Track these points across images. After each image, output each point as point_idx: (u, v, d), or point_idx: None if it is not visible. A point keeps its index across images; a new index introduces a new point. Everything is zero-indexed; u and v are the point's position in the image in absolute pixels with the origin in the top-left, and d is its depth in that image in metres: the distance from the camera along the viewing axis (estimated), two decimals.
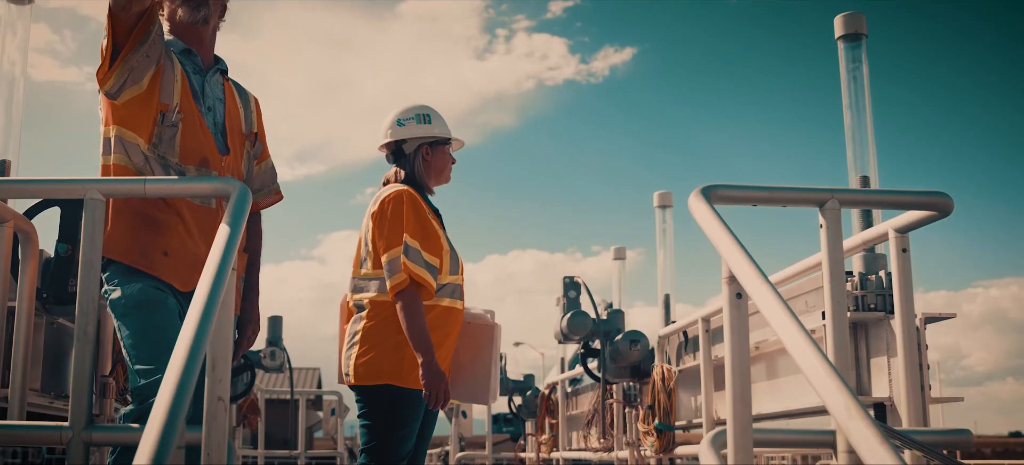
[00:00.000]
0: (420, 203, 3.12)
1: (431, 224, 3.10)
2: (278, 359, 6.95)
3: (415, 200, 3.11)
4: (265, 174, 3.06)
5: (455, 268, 3.18)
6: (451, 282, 3.16)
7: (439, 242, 3.10)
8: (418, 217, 3.08)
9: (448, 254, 3.13)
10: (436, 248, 3.08)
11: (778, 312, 1.88)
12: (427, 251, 3.05)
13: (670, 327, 5.11)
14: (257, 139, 3.00)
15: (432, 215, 3.21)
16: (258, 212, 3.07)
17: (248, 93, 3.05)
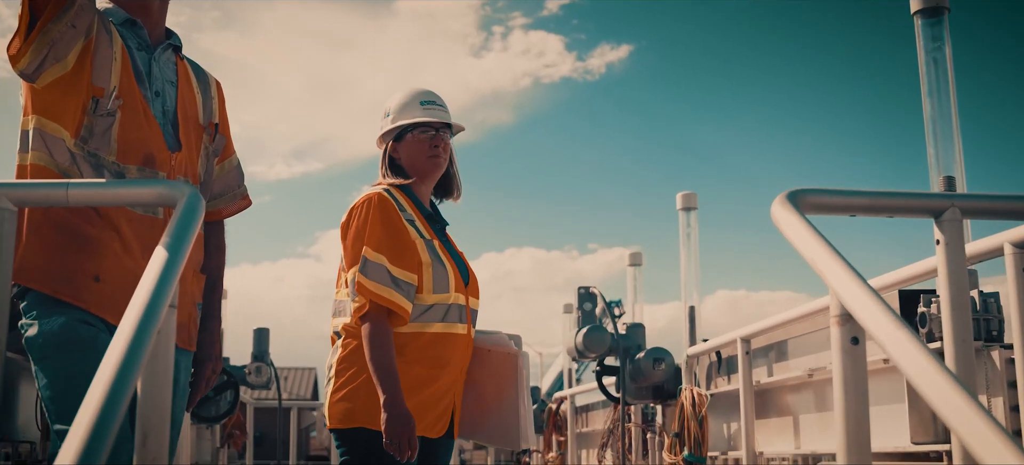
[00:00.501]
0: (390, 208, 2.53)
1: (405, 233, 2.51)
2: (264, 375, 6.38)
3: (384, 205, 2.53)
4: (228, 175, 2.50)
5: (443, 285, 2.52)
6: (439, 302, 2.53)
7: (415, 255, 2.50)
8: (387, 225, 2.50)
9: (430, 268, 2.50)
10: (411, 262, 2.48)
11: (930, 373, 1.31)
12: (399, 266, 2.47)
13: (701, 346, 4.55)
14: (218, 132, 2.43)
15: (420, 220, 2.61)
16: (220, 222, 2.50)
17: (208, 75, 2.49)
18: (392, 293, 2.43)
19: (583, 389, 7.20)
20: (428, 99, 2.68)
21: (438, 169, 2.64)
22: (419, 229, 2.55)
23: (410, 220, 2.55)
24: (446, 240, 2.70)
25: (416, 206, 2.62)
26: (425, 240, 2.54)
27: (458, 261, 2.66)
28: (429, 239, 2.55)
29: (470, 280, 2.65)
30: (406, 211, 2.56)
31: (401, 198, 2.59)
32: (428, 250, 2.53)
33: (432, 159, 2.62)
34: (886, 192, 1.92)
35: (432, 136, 2.62)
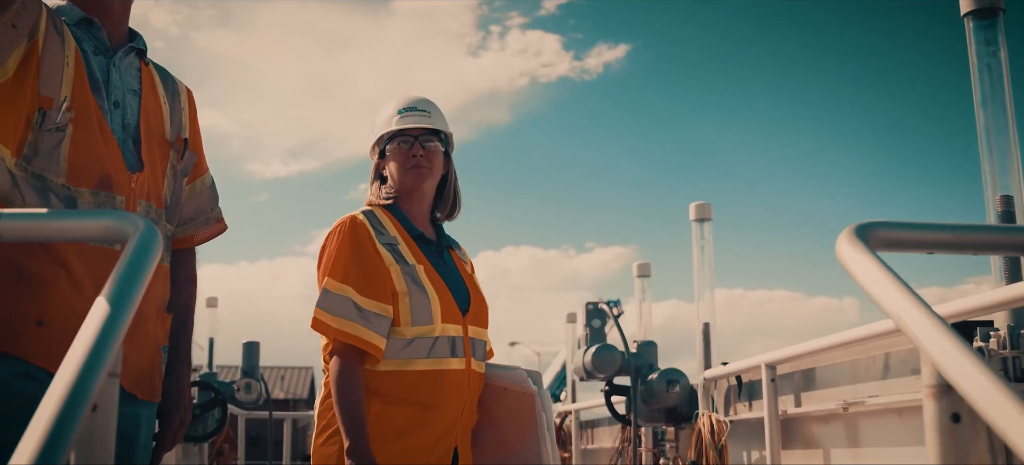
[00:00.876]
0: (361, 232, 2.25)
1: (375, 259, 2.22)
2: (254, 391, 6.07)
3: (354, 229, 2.25)
4: (200, 197, 2.20)
5: (424, 316, 2.19)
6: (422, 335, 2.20)
7: (386, 283, 2.20)
8: (355, 251, 2.22)
9: (406, 298, 2.20)
10: (382, 292, 2.19)
11: None
12: (368, 296, 2.18)
13: (719, 369, 4.25)
14: (188, 147, 2.13)
15: (407, 243, 2.30)
16: (191, 250, 2.21)
17: (178, 82, 2.18)
18: (357, 327, 2.14)
19: (588, 406, 6.90)
20: (408, 107, 2.39)
21: (420, 180, 2.34)
22: (400, 253, 2.26)
23: (390, 244, 2.26)
24: (446, 262, 2.40)
25: (403, 227, 2.33)
26: (405, 266, 2.25)
27: (458, 286, 2.35)
28: (412, 264, 2.25)
29: (472, 307, 2.34)
30: (386, 233, 2.28)
31: (385, 219, 2.32)
32: (405, 277, 2.23)
33: (412, 170, 2.33)
34: (973, 226, 1.62)
35: (410, 145, 2.33)
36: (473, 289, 2.40)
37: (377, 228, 2.29)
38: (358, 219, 2.29)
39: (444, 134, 2.43)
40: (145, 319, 1.93)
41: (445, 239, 2.45)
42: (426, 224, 2.42)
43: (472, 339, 2.32)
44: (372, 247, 2.24)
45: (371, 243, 2.25)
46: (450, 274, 2.36)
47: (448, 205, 2.47)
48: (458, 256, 2.48)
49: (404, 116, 2.38)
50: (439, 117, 2.44)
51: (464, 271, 2.44)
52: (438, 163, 2.39)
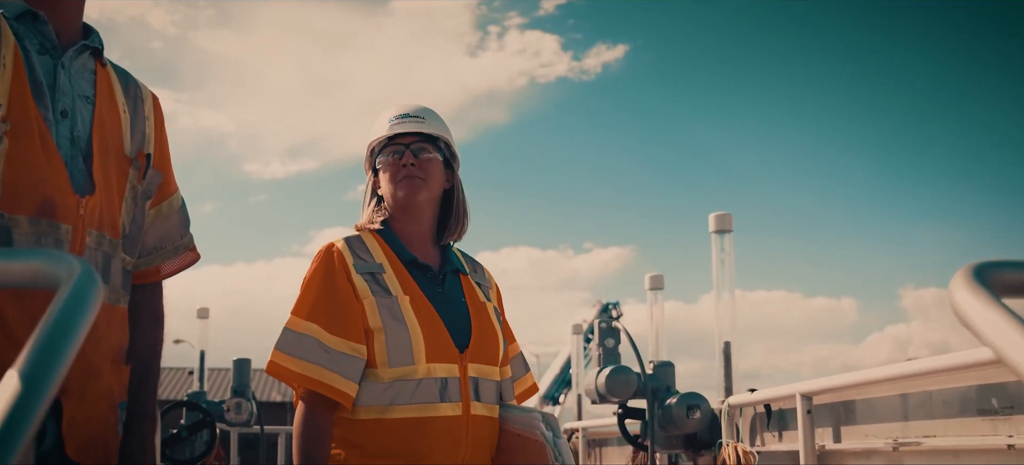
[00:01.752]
0: (334, 262, 1.98)
1: (345, 292, 1.94)
2: (245, 412, 5.74)
3: (328, 258, 1.99)
4: (167, 222, 1.88)
5: (404, 356, 1.89)
6: (402, 378, 1.90)
7: (358, 319, 1.92)
8: (326, 284, 1.95)
9: (381, 334, 1.90)
10: (352, 329, 1.91)
11: None
12: (337, 334, 1.90)
13: (745, 396, 3.93)
14: (151, 164, 1.80)
15: (396, 270, 2.01)
16: (157, 284, 1.88)
17: (141, 87, 1.86)
18: (321, 371, 1.86)
19: (596, 424, 6.58)
20: (400, 114, 2.12)
21: (412, 192, 2.05)
22: (383, 283, 1.97)
23: (372, 272, 1.98)
24: (447, 290, 2.09)
25: (395, 250, 2.04)
26: (385, 297, 1.95)
27: (457, 318, 2.04)
28: (394, 296, 1.95)
29: (474, 341, 2.02)
30: (368, 261, 2.00)
31: (373, 243, 2.04)
32: (382, 311, 1.93)
33: (403, 181, 2.05)
34: None
35: (399, 154, 2.05)
36: (479, 320, 2.07)
37: (358, 255, 2.02)
38: (334, 247, 2.02)
39: (443, 143, 2.13)
40: (97, 373, 1.61)
41: (451, 263, 2.14)
42: (426, 247, 2.13)
43: (475, 379, 2.00)
44: (345, 278, 1.96)
45: (345, 274, 1.97)
46: (448, 304, 2.05)
47: (455, 225, 2.17)
48: (471, 282, 2.17)
49: (395, 123, 2.11)
50: (436, 123, 2.14)
51: (473, 299, 2.12)
52: (434, 174, 2.10)
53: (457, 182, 2.20)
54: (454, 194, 2.19)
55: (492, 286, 2.26)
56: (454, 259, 2.17)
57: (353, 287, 1.96)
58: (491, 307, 2.16)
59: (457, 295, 2.10)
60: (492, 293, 2.24)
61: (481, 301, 2.14)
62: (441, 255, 2.15)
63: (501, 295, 2.29)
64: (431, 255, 2.13)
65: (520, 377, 2.24)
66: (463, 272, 2.17)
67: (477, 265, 2.27)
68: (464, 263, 2.22)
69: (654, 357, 5.52)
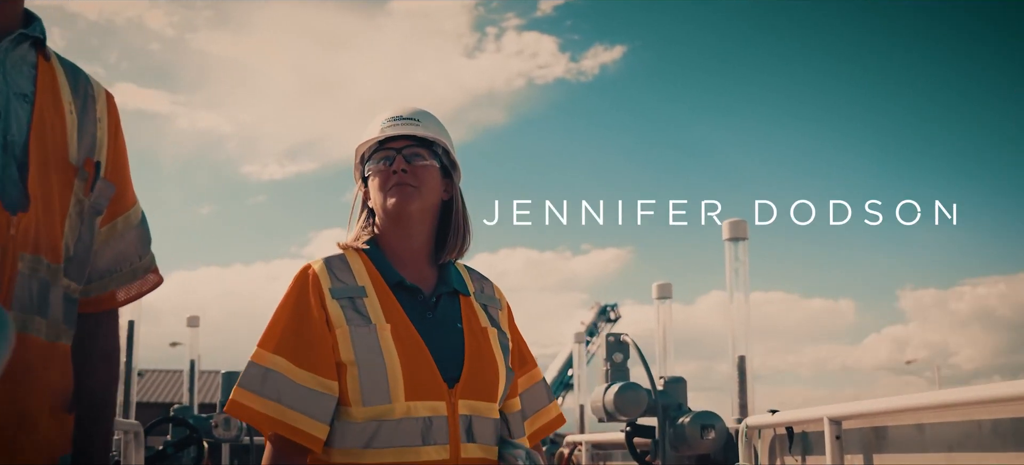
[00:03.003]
0: (307, 287, 1.75)
1: (314, 322, 1.71)
2: (233, 428, 5.49)
3: (301, 283, 1.77)
4: (123, 241, 1.62)
5: (379, 393, 1.66)
6: (378, 417, 1.66)
7: (328, 352, 1.69)
8: (295, 312, 1.73)
9: (354, 369, 1.68)
10: (321, 362, 1.68)
11: None
12: (305, 368, 1.68)
13: (765, 418, 3.68)
14: (101, 174, 1.54)
15: (381, 294, 1.78)
16: (112, 312, 1.63)
17: (94, 85, 1.60)
18: (284, 411, 1.64)
19: (600, 438, 6.33)
20: (394, 116, 1.90)
21: (403, 202, 1.81)
22: (361, 309, 1.74)
23: (350, 296, 1.75)
24: (439, 316, 1.83)
25: (381, 271, 1.81)
26: (361, 326, 1.72)
27: (449, 347, 1.79)
28: (372, 324, 1.72)
29: (467, 375, 1.77)
30: (349, 283, 1.78)
31: (357, 263, 1.82)
32: (355, 342, 1.70)
33: (394, 189, 1.81)
34: None
35: (390, 160, 1.83)
36: (475, 349, 1.82)
37: (337, 278, 1.79)
38: (310, 270, 1.79)
39: (441, 148, 1.89)
40: (32, 424, 1.36)
41: (447, 283, 1.88)
42: (419, 266, 1.88)
43: (467, 417, 1.75)
44: (318, 305, 1.73)
45: (318, 299, 1.74)
46: (440, 331, 1.80)
47: (455, 240, 1.92)
48: (473, 304, 1.91)
49: (387, 126, 1.88)
50: (433, 126, 1.90)
51: (472, 324, 1.86)
52: (429, 182, 1.86)
53: (456, 192, 1.95)
54: (453, 206, 1.94)
55: (503, 307, 2.00)
56: (453, 278, 1.91)
57: (326, 314, 1.73)
58: (494, 332, 1.90)
59: (452, 320, 1.84)
60: (502, 315, 1.98)
61: (481, 326, 1.88)
62: (437, 275, 1.90)
63: (513, 316, 2.03)
64: (424, 275, 1.88)
65: (540, 409, 1.99)
66: (464, 292, 1.92)
67: (485, 283, 2.01)
68: (468, 281, 1.97)
69: (663, 370, 5.28)
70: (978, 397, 2.43)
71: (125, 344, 5.57)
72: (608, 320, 39.49)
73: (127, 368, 5.47)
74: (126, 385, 5.47)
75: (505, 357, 1.89)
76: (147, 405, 36.56)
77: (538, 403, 2.00)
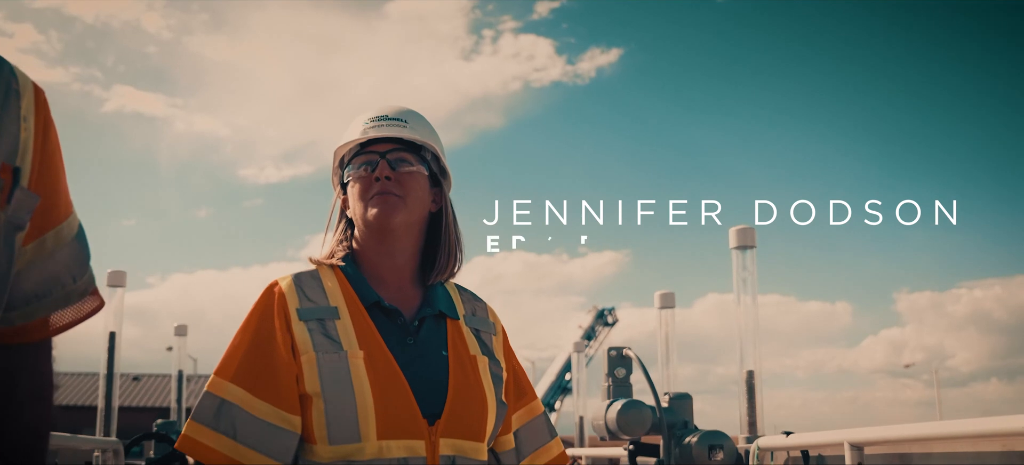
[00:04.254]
0: (273, 305, 1.57)
1: (276, 349, 1.52)
2: None
3: (266, 302, 1.59)
4: (53, 261, 1.39)
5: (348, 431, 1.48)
6: (347, 459, 1.48)
7: (291, 384, 1.51)
8: (256, 336, 1.55)
9: (320, 402, 1.49)
10: (282, 395, 1.50)
11: None
12: (264, 399, 1.50)
13: (779, 439, 3.46)
14: (20, 183, 1.31)
15: (357, 317, 1.58)
16: (45, 342, 1.40)
17: (19, 76, 1.36)
18: (240, 450, 1.47)
19: (601, 452, 6.10)
20: (378, 116, 1.70)
21: (387, 215, 1.61)
22: (332, 334, 1.54)
23: (319, 318, 1.56)
24: (421, 342, 1.61)
25: (357, 291, 1.61)
26: (330, 353, 1.52)
27: (431, 379, 1.57)
28: (343, 351, 1.52)
29: (450, 410, 1.55)
30: (320, 303, 1.58)
31: (330, 281, 1.62)
32: (323, 371, 1.50)
33: (376, 199, 1.61)
34: None
35: (372, 165, 1.63)
36: (461, 380, 1.60)
37: (306, 297, 1.59)
38: (276, 288, 1.60)
39: (430, 153, 1.69)
40: None
41: (432, 306, 1.66)
42: (402, 286, 1.68)
43: (450, 458, 1.54)
44: (283, 327, 1.55)
45: (283, 322, 1.55)
46: (421, 360, 1.59)
47: (445, 259, 1.71)
48: (462, 329, 1.69)
49: (370, 127, 1.67)
50: (421, 128, 1.69)
51: (458, 352, 1.64)
52: (417, 191, 1.66)
53: (446, 203, 1.74)
54: (442, 218, 1.73)
55: (498, 332, 1.78)
56: (439, 299, 1.69)
57: (292, 338, 1.53)
58: (485, 361, 1.68)
59: (436, 347, 1.62)
60: (496, 341, 1.76)
61: (470, 354, 1.66)
62: (421, 296, 1.68)
63: (508, 341, 1.81)
64: (407, 296, 1.66)
65: (540, 447, 1.77)
66: (452, 315, 1.70)
67: (478, 304, 1.79)
68: (458, 303, 1.74)
69: (666, 384, 5.06)
70: (1011, 428, 2.21)
71: (106, 357, 5.33)
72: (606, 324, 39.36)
73: (107, 382, 5.24)
74: (107, 400, 5.24)
75: (496, 389, 1.67)
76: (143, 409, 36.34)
77: (538, 440, 1.78)
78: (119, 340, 5.37)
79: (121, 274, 5.27)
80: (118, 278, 5.27)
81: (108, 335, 5.32)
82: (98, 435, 5.20)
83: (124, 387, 39.16)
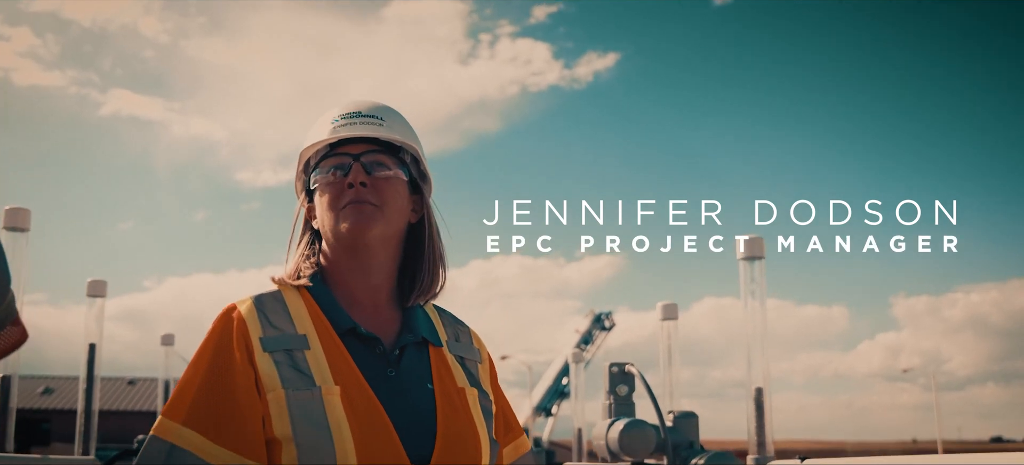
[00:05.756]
0: (229, 336, 1.36)
1: (241, 383, 1.32)
2: None
3: (222, 330, 1.37)
4: None
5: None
6: None
7: (253, 426, 1.30)
8: (211, 371, 1.33)
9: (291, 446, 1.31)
10: (245, 437, 1.30)
11: None
12: (222, 443, 1.29)
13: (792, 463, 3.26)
14: None
15: (329, 345, 1.38)
16: None
17: None
18: None
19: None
20: (349, 112, 1.48)
21: (362, 227, 1.41)
22: (301, 366, 1.33)
23: (289, 349, 1.35)
24: (404, 373, 1.41)
25: (328, 315, 1.40)
26: (301, 389, 1.31)
27: (416, 415, 1.37)
28: (316, 387, 1.31)
29: (441, 449, 1.35)
30: (286, 331, 1.37)
31: (297, 304, 1.41)
32: (295, 412, 1.29)
33: (350, 210, 1.41)
34: None
35: (345, 170, 1.42)
36: (450, 418, 1.40)
37: (270, 323, 1.38)
38: (235, 313, 1.39)
39: (409, 155, 1.49)
40: None
41: (413, 332, 1.46)
42: (378, 309, 1.48)
43: None
44: (244, 361, 1.33)
45: (244, 353, 1.34)
46: (404, 395, 1.39)
47: (426, 278, 1.51)
48: (446, 358, 1.49)
49: (340, 125, 1.46)
50: (399, 127, 1.49)
51: (445, 384, 1.44)
52: (395, 199, 1.46)
53: (428, 211, 1.53)
54: (423, 230, 1.52)
55: (483, 360, 1.58)
56: (420, 324, 1.49)
57: (255, 373, 1.32)
58: (474, 394, 1.47)
59: (420, 380, 1.42)
60: (483, 370, 1.56)
61: (457, 386, 1.45)
62: (400, 320, 1.48)
63: (495, 371, 1.61)
64: (384, 321, 1.46)
65: None
66: (435, 342, 1.49)
67: (461, 329, 1.59)
68: (440, 329, 1.54)
69: (670, 400, 4.85)
70: None
71: (85, 371, 5.11)
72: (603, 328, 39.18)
73: (87, 397, 5.02)
74: (86, 417, 5.02)
75: (488, 425, 1.47)
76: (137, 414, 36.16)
77: None
78: (99, 352, 5.15)
79: (101, 284, 5.06)
80: (98, 288, 5.05)
81: (88, 347, 5.10)
82: (76, 453, 4.99)
83: (119, 391, 38.92)
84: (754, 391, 4.04)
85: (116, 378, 39.91)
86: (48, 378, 39.64)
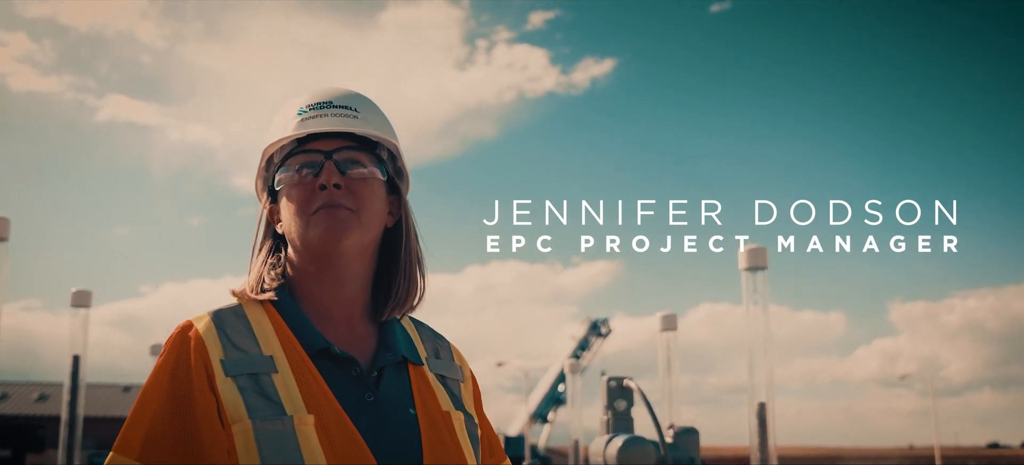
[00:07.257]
0: (186, 360, 1.19)
1: (201, 412, 1.16)
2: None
3: (177, 352, 1.21)
4: None
5: None
6: None
7: (205, 460, 1.15)
8: (169, 399, 1.17)
9: None
10: None
11: None
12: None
13: None
14: None
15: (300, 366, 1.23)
16: None
17: None
18: None
19: None
20: (317, 102, 1.31)
21: (337, 235, 1.26)
22: (269, 392, 1.19)
23: (255, 373, 1.20)
24: (384, 399, 1.26)
25: (297, 334, 1.25)
26: (272, 420, 1.16)
27: (399, 444, 1.23)
28: (287, 416, 1.16)
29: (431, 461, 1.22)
30: (250, 353, 1.22)
31: (262, 320, 1.26)
32: (264, 445, 1.15)
33: (322, 215, 1.26)
34: None
35: (315, 169, 1.27)
36: (436, 446, 1.26)
37: (233, 344, 1.23)
38: (191, 332, 1.23)
39: (387, 151, 1.35)
40: None
41: (392, 350, 1.33)
42: (352, 324, 1.33)
43: None
44: (202, 387, 1.18)
45: (204, 378, 1.18)
46: (385, 422, 1.24)
47: (404, 289, 1.37)
48: (428, 378, 1.35)
49: (309, 116, 1.29)
50: (375, 119, 1.34)
51: (428, 409, 1.30)
52: (372, 201, 1.31)
53: (406, 213, 1.38)
54: (401, 234, 1.38)
55: (466, 378, 1.44)
56: (399, 341, 1.35)
57: (217, 401, 1.17)
58: (460, 417, 1.34)
59: (402, 404, 1.28)
60: (466, 389, 1.42)
61: (441, 410, 1.32)
62: (376, 337, 1.35)
63: (479, 390, 1.48)
64: (359, 338, 1.32)
65: None
66: (415, 361, 1.36)
67: (441, 344, 1.45)
68: (419, 345, 1.40)
69: (669, 413, 4.73)
70: None
71: (69, 383, 4.98)
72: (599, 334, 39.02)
73: (71, 409, 4.89)
74: (70, 428, 4.89)
75: (476, 453, 1.34)
76: None
77: None
78: (84, 362, 5.02)
79: (86, 294, 4.93)
80: (82, 298, 4.92)
81: (72, 358, 4.97)
82: (60, 462, 4.86)
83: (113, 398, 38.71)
84: (757, 406, 3.92)
85: (111, 384, 39.74)
86: (43, 384, 39.49)
